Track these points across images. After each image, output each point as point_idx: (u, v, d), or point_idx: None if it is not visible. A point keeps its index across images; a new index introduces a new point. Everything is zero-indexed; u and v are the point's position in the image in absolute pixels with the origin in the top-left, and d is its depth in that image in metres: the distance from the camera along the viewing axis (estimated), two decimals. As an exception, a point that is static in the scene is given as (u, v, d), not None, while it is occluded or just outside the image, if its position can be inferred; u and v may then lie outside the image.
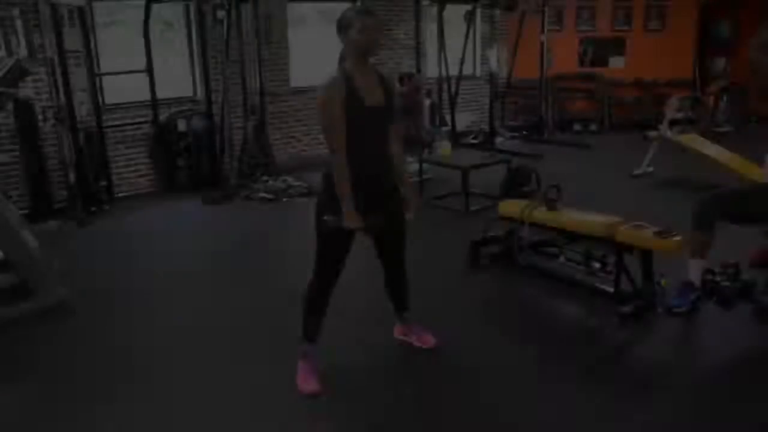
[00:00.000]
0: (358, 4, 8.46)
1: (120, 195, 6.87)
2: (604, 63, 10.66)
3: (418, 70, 8.06)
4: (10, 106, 5.52)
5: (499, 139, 9.24)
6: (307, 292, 3.01)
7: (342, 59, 2.84)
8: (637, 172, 7.11)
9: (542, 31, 9.22)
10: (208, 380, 3.13)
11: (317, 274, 2.95)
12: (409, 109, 7.05)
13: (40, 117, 6.12)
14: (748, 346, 3.34)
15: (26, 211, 5.92)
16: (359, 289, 4.14)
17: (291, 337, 3.36)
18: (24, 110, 5.81)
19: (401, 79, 7.47)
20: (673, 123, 6.96)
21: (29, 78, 5.88)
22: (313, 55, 8.55)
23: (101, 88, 6.66)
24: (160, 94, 6.80)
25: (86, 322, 3.83)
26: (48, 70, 5.73)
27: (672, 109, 7.16)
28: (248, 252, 5.10)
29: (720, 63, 10.62)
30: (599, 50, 10.72)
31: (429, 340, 3.36)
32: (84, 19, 6.21)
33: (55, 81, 5.70)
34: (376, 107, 2.79)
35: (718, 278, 3.92)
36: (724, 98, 9.55)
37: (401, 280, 3.28)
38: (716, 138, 7.53)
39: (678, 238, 3.59)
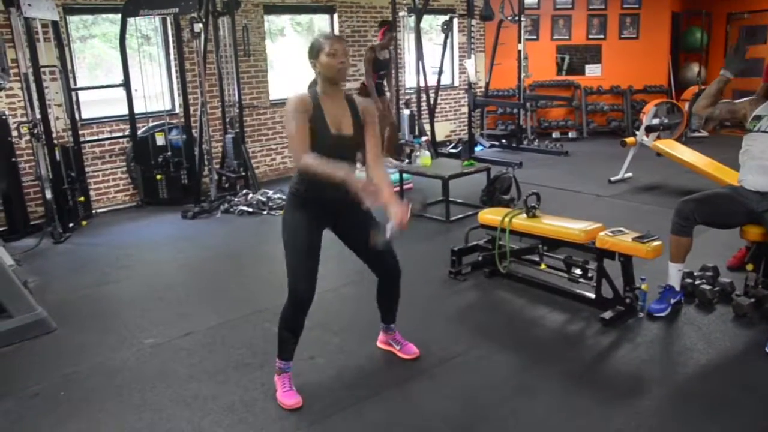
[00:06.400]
0: (332, 24, 8.48)
1: (98, 210, 6.80)
2: (581, 71, 10.78)
3: (388, 89, 8.03)
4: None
5: (478, 148, 9.28)
6: (283, 311, 2.95)
7: (312, 85, 2.86)
8: (615, 178, 7.18)
9: (519, 40, 9.29)
10: (186, 398, 3.08)
11: (291, 290, 2.88)
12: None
13: (14, 133, 6.05)
14: (728, 348, 3.37)
15: (1, 228, 5.84)
16: (342, 303, 4.14)
17: (267, 352, 3.34)
18: (-2, 126, 5.73)
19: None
20: (649, 129, 7.03)
21: (2, 93, 5.84)
22: (292, 67, 8.58)
23: (78, 102, 6.61)
24: (138, 108, 6.74)
25: (62, 339, 3.77)
26: (22, 86, 5.66)
27: (648, 115, 7.24)
28: (226, 266, 5.05)
29: (694, 69, 10.77)
30: (576, 59, 10.84)
31: (412, 351, 3.35)
32: (59, 34, 6.16)
33: (30, 96, 5.62)
34: (343, 136, 2.77)
35: (697, 281, 3.97)
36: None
37: (393, 290, 3.22)
38: (692, 143, 7.63)
39: (657, 242, 3.62)
